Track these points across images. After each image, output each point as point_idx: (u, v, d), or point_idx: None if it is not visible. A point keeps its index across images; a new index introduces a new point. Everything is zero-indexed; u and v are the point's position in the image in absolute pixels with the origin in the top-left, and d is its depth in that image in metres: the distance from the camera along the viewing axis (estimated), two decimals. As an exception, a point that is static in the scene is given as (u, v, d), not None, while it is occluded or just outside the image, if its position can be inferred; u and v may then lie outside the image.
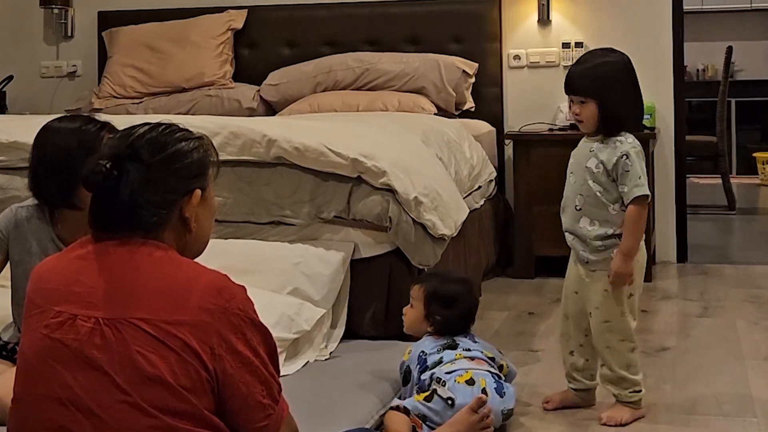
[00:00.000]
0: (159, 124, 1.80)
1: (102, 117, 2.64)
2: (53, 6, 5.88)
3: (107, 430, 1.62)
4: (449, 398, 2.57)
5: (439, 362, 2.69)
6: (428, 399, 2.60)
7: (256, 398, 1.70)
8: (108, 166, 1.70)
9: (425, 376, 2.68)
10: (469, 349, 2.74)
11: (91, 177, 1.71)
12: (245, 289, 1.73)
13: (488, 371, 2.69)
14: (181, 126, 1.83)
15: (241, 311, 1.69)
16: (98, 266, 1.71)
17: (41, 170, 2.53)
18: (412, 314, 2.90)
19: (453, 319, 2.82)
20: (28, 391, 1.70)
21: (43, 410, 1.67)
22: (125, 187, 1.71)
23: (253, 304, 1.73)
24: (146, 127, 1.78)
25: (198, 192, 1.78)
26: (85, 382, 1.64)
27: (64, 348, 1.66)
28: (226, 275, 1.73)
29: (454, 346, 2.74)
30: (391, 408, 2.63)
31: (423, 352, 2.76)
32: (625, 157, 2.74)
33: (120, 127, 1.95)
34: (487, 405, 2.52)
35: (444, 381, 2.62)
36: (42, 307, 1.72)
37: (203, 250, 1.86)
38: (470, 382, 2.62)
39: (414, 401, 2.62)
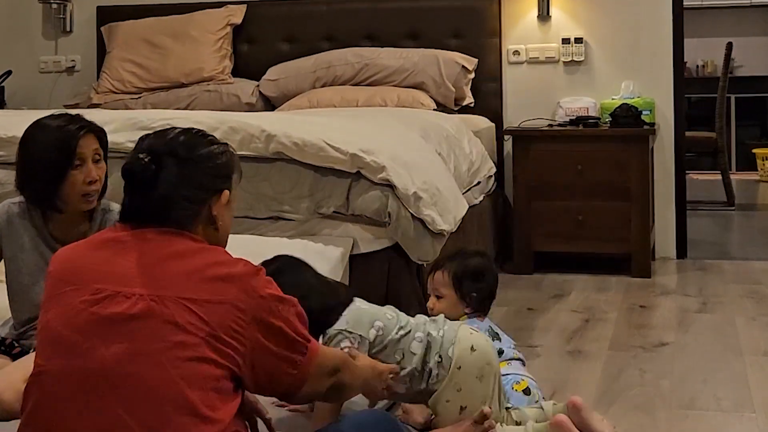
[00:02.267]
0: (190, 129, 1.93)
1: (97, 114, 2.63)
2: (52, 1, 5.88)
3: (140, 393, 1.66)
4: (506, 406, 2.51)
5: (498, 353, 2.60)
6: None
7: (282, 370, 1.79)
8: (146, 159, 1.81)
9: None
10: (518, 349, 2.71)
11: (131, 168, 1.81)
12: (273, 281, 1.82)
13: (535, 382, 2.68)
14: (208, 132, 1.96)
15: (272, 297, 1.78)
16: (136, 249, 1.78)
17: (22, 167, 2.53)
18: (443, 303, 2.77)
19: (485, 292, 2.75)
20: (58, 363, 1.72)
21: (74, 381, 1.69)
22: (164, 181, 1.81)
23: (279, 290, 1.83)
24: (179, 130, 1.91)
25: (227, 192, 1.89)
26: (120, 352, 1.68)
27: (104, 320, 1.71)
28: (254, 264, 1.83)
29: (498, 338, 2.70)
30: None
31: None
32: None
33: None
34: (490, 420, 2.48)
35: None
36: (77, 284, 1.76)
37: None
38: (527, 391, 2.60)
39: None
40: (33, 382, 1.76)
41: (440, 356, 2.40)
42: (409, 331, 2.41)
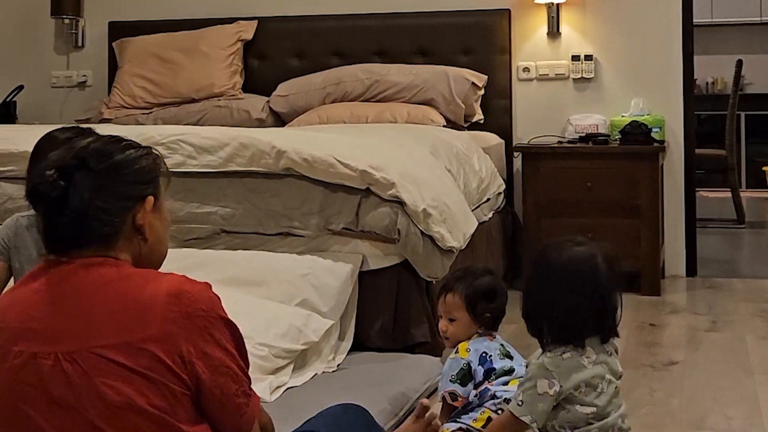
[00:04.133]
0: (104, 135, 1.79)
1: (108, 129, 2.64)
2: (64, 16, 5.90)
3: None
4: None
5: (509, 372, 2.58)
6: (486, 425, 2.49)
7: (231, 400, 1.67)
8: (54, 175, 1.66)
9: (492, 388, 2.56)
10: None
11: (37, 188, 1.67)
12: (209, 286, 1.69)
13: None
14: (125, 137, 1.81)
15: (204, 311, 1.64)
16: (52, 298, 1.65)
17: (30, 178, 2.55)
18: (457, 326, 2.68)
19: (497, 311, 2.67)
20: None
21: None
22: (74, 196, 1.66)
23: (219, 300, 1.68)
24: (90, 138, 1.76)
25: (151, 198, 1.74)
26: (56, 422, 1.60)
27: (30, 389, 1.61)
28: (183, 277, 1.68)
29: (510, 356, 2.68)
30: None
31: (485, 352, 2.60)
32: None
33: (136, 137, 1.93)
34: (431, 411, 2.46)
35: None
36: (3, 348, 1.65)
37: (161, 262, 1.81)
38: None
39: (472, 425, 2.53)
40: None
41: None
42: (592, 422, 2.19)
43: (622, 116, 5.11)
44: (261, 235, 3.54)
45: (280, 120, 5.28)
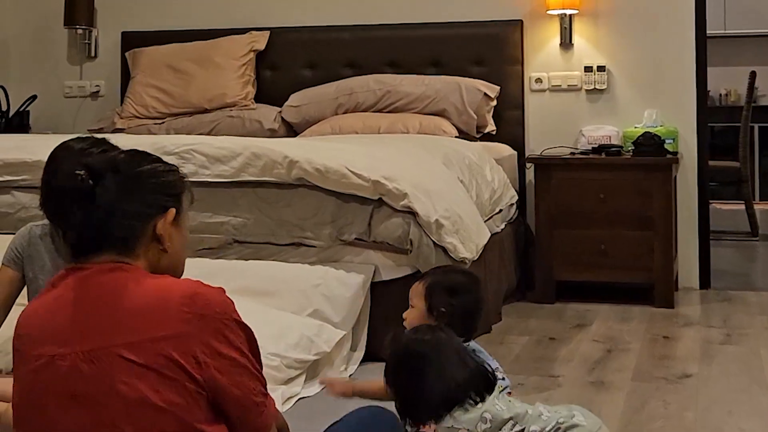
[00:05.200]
0: (134, 149, 1.86)
1: (121, 139, 2.64)
2: (77, 26, 5.92)
3: None
4: None
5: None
6: None
7: (250, 398, 1.71)
8: (84, 174, 1.73)
9: None
10: (503, 378, 2.56)
11: (68, 183, 1.74)
12: (223, 290, 1.73)
13: None
14: (154, 153, 1.88)
15: (218, 314, 1.68)
16: (70, 302, 1.70)
17: (45, 187, 2.56)
18: (412, 313, 2.64)
19: (458, 311, 2.56)
20: None
21: None
22: (102, 195, 1.73)
23: (232, 304, 1.72)
24: (121, 150, 1.87)
25: (173, 210, 1.80)
26: (76, 420, 1.63)
27: (49, 390, 1.65)
28: (198, 281, 1.72)
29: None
30: None
31: None
32: None
33: (149, 147, 1.99)
34: None
35: None
36: (24, 353, 1.71)
37: (179, 277, 1.85)
38: None
39: None
40: None
41: None
42: (523, 429, 2.17)
43: (635, 127, 5.10)
44: (273, 245, 3.54)
45: (292, 130, 5.28)
